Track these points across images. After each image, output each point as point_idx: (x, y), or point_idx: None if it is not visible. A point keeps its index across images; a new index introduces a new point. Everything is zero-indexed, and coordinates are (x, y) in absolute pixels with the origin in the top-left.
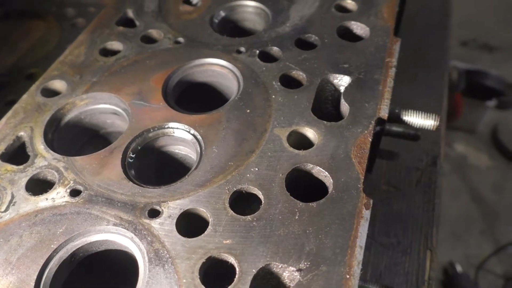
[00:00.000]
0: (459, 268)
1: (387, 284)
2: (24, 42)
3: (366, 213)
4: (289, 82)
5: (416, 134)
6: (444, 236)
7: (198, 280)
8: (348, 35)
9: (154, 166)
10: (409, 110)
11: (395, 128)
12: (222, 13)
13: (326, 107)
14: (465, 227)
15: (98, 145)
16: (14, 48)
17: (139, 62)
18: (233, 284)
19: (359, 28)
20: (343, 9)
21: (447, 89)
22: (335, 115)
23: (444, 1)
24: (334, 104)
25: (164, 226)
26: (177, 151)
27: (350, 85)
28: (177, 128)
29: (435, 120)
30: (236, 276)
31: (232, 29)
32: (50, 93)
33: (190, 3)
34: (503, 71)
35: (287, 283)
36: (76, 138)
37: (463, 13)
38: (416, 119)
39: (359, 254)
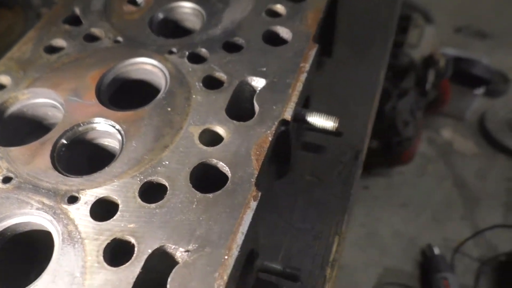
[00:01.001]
0: (436, 251)
1: (291, 265)
2: None
3: (253, 204)
4: (211, 83)
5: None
6: (425, 220)
7: (101, 258)
8: (278, 39)
9: (88, 157)
10: (313, 112)
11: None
12: (161, 15)
13: (245, 106)
14: (446, 212)
15: (41, 135)
16: None
17: (79, 60)
18: (130, 261)
19: (284, 32)
20: (273, 14)
21: (381, 87)
22: (253, 114)
23: (391, 3)
24: (253, 104)
25: (80, 211)
26: (106, 143)
27: (264, 87)
28: (104, 123)
29: (334, 122)
30: (134, 255)
31: (174, 29)
32: None
33: (135, 3)
34: (495, 58)
35: (179, 261)
36: (20, 129)
37: None
38: (318, 120)
39: (239, 238)
